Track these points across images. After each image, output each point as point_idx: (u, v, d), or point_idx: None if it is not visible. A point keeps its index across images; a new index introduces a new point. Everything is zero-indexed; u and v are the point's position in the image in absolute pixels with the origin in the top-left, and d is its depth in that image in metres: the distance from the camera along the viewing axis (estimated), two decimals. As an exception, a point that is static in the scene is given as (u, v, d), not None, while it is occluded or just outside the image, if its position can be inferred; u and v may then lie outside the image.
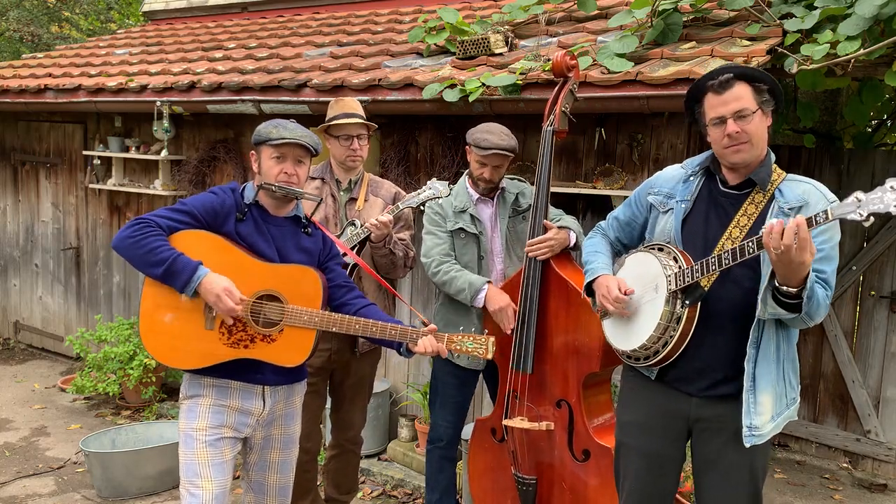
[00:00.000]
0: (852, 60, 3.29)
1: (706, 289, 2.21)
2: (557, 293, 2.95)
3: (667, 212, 2.37)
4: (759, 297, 2.10)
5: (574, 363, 2.90)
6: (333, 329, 2.44)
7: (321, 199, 2.73)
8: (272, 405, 2.55)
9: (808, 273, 1.97)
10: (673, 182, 2.40)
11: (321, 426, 3.39)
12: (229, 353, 2.42)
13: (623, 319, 2.38)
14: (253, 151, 2.56)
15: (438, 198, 3.02)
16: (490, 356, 2.44)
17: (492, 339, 2.45)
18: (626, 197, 3.74)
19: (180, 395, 2.55)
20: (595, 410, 2.96)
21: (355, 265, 3.05)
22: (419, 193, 3.04)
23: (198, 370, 2.46)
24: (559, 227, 3.00)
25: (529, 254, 2.96)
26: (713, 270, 2.12)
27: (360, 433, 3.46)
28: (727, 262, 2.07)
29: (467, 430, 3.69)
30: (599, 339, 2.81)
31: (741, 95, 2.16)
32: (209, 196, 2.48)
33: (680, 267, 2.19)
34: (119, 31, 8.48)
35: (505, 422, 3.02)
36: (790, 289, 2.00)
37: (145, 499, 4.07)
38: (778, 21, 3.66)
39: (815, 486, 4.40)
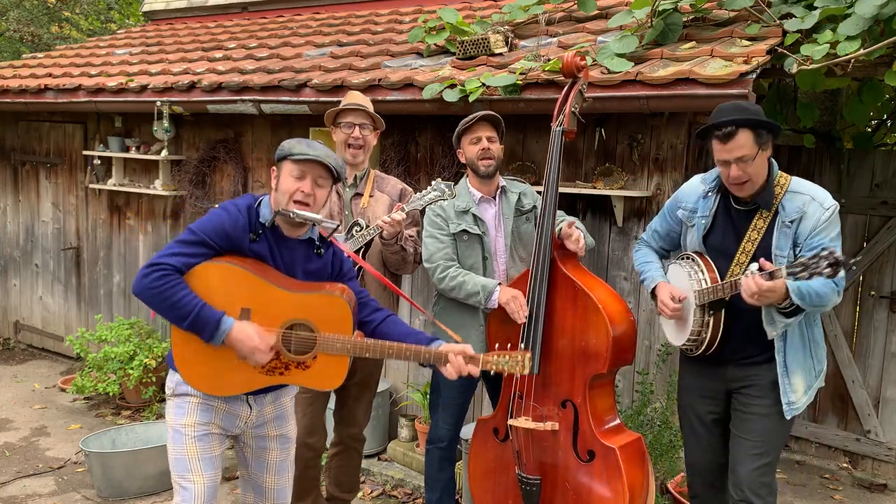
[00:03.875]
0: (852, 60, 3.29)
1: (727, 298, 2.59)
2: (564, 294, 2.95)
3: (692, 226, 2.77)
4: (764, 322, 2.58)
5: (581, 364, 2.90)
6: (366, 355, 2.41)
7: (338, 225, 2.64)
8: (260, 409, 2.54)
9: (785, 290, 2.43)
10: (695, 197, 2.77)
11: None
12: (266, 380, 2.43)
13: (673, 321, 2.81)
14: (274, 167, 2.48)
15: (444, 199, 3.00)
16: (527, 371, 2.34)
17: (528, 353, 2.34)
18: (626, 197, 3.77)
19: (167, 391, 2.52)
20: (600, 411, 2.96)
21: (359, 268, 3.05)
22: (424, 195, 3.01)
23: None
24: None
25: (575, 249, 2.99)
26: (719, 296, 2.57)
27: (363, 431, 3.46)
28: (727, 290, 2.54)
29: (467, 430, 3.69)
30: (607, 340, 2.83)
31: (743, 144, 2.46)
32: (220, 217, 2.38)
33: (705, 281, 2.64)
34: (119, 31, 8.48)
35: (510, 422, 3.02)
36: (782, 304, 2.49)
37: (145, 499, 4.07)
38: (778, 21, 3.66)
39: (814, 486, 4.40)
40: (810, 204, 2.53)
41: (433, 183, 3.03)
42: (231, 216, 2.38)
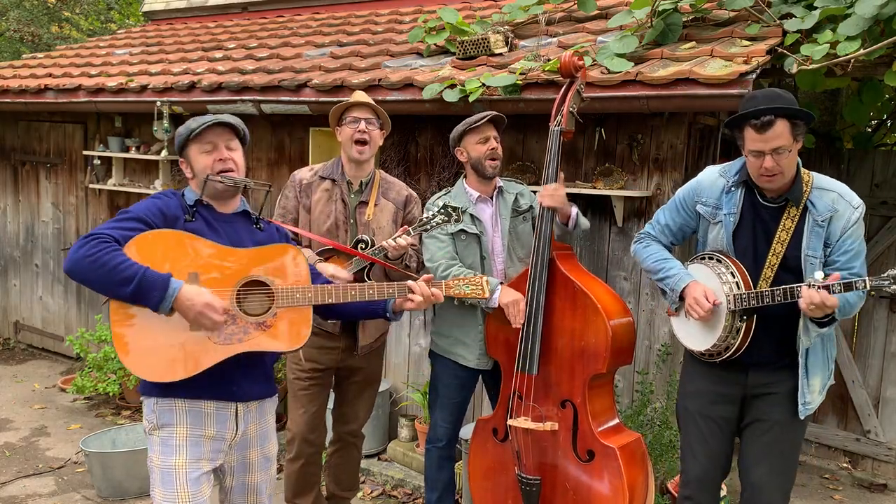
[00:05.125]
0: (852, 60, 3.29)
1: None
2: (564, 293, 2.95)
3: (717, 223, 2.62)
4: (800, 332, 2.49)
5: (580, 364, 2.90)
6: (329, 300, 2.32)
7: (270, 186, 2.56)
8: (245, 428, 2.42)
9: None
10: (717, 191, 2.62)
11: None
12: (224, 350, 2.21)
13: (693, 323, 2.63)
14: (182, 159, 2.39)
15: (450, 224, 2.95)
16: (488, 295, 2.49)
17: (486, 278, 2.51)
18: (626, 197, 3.76)
19: (147, 424, 2.34)
20: (599, 411, 2.96)
21: (368, 264, 3.04)
22: (431, 220, 2.94)
23: (171, 388, 2.25)
24: None
25: (543, 202, 2.96)
26: (765, 303, 2.42)
27: (362, 428, 3.46)
28: (779, 299, 2.40)
29: (467, 430, 3.69)
30: (606, 339, 2.82)
31: (780, 134, 2.35)
32: (152, 200, 2.31)
33: (737, 284, 2.50)
34: (119, 31, 8.48)
35: (509, 422, 3.02)
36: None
37: (145, 499, 4.07)
38: (778, 21, 3.66)
39: (814, 486, 4.40)
40: (839, 201, 2.46)
41: (439, 204, 2.97)
42: (162, 200, 2.32)
